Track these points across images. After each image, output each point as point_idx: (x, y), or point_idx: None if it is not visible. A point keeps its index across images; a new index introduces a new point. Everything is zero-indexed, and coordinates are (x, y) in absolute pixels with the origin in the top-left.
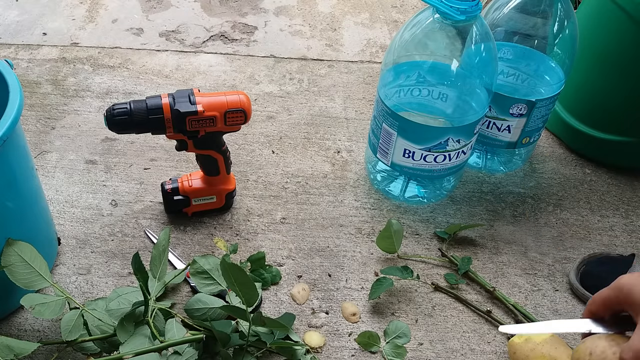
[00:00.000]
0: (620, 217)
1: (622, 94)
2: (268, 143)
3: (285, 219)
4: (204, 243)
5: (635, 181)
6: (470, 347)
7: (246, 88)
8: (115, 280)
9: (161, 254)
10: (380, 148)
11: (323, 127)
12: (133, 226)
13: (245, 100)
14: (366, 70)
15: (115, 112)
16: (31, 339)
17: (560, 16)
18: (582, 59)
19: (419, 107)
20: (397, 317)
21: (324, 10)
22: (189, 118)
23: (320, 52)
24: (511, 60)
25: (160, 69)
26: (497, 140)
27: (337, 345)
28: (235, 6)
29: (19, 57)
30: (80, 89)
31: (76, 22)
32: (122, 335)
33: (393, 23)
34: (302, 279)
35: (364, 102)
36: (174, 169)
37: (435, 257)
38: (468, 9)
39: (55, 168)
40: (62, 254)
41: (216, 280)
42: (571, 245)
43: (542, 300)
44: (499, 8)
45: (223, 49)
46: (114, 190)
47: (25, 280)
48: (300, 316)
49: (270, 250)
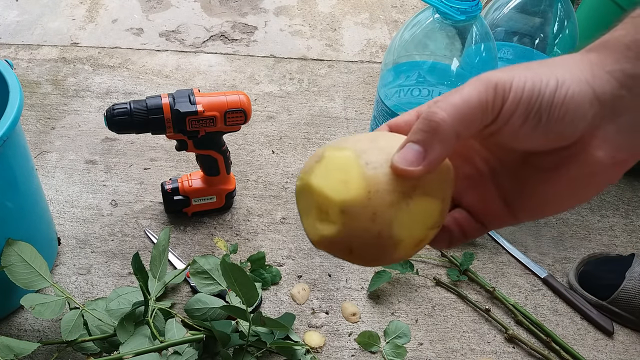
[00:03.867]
0: (620, 217)
1: None
2: (268, 143)
3: (285, 219)
4: (204, 243)
5: (635, 181)
6: (470, 347)
7: (246, 88)
8: (115, 280)
9: (161, 254)
10: None
11: (323, 127)
12: (133, 226)
13: (245, 100)
14: (366, 70)
15: (115, 112)
16: (31, 339)
17: (560, 16)
18: None
19: None
20: (397, 317)
21: (324, 10)
22: (189, 118)
23: (320, 52)
24: (511, 60)
25: (160, 69)
26: None
27: (337, 345)
28: (235, 6)
29: (19, 57)
30: (80, 89)
31: (76, 22)
32: (122, 335)
33: (393, 23)
34: (302, 279)
35: (364, 102)
36: (174, 169)
37: (435, 257)
38: (468, 9)
39: (55, 168)
40: (62, 254)
41: (216, 280)
42: (571, 245)
43: (542, 300)
44: (499, 8)
45: (223, 49)
46: (114, 190)
47: (25, 280)
48: (300, 316)
49: (270, 250)
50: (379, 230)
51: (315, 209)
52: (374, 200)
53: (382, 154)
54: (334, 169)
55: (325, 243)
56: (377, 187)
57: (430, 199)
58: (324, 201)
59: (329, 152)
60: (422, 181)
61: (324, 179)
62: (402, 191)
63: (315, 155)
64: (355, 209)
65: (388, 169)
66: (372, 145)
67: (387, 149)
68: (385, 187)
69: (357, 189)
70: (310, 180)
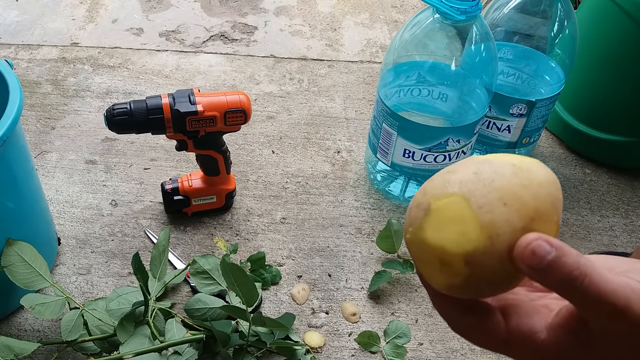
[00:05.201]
0: (620, 217)
1: (622, 94)
2: (268, 143)
3: (285, 219)
4: (204, 243)
5: (635, 181)
6: (470, 347)
7: (246, 88)
8: (115, 280)
9: (161, 254)
10: (381, 148)
11: (323, 127)
12: (133, 226)
13: (245, 100)
14: (366, 70)
15: (115, 112)
16: (31, 339)
17: (560, 16)
18: (582, 59)
19: (419, 107)
20: (397, 317)
21: (324, 10)
22: (189, 118)
23: (320, 52)
24: (511, 60)
25: (160, 69)
26: (497, 140)
27: (337, 345)
28: (235, 6)
29: (19, 57)
30: (80, 89)
31: (76, 22)
32: (122, 335)
33: (393, 23)
34: (302, 279)
35: (364, 102)
36: (174, 169)
37: None
38: (468, 9)
39: (55, 168)
40: (62, 254)
41: (216, 280)
42: (571, 245)
43: None
44: (499, 8)
45: (223, 49)
46: (114, 190)
47: (25, 280)
48: (300, 316)
49: (270, 250)
50: (507, 271)
51: (436, 262)
52: (497, 245)
53: (492, 189)
54: (447, 221)
55: (453, 290)
56: (497, 231)
57: (547, 224)
58: (445, 255)
59: (435, 202)
60: (538, 210)
61: (439, 233)
62: (523, 227)
63: (419, 204)
64: (479, 257)
65: (502, 206)
66: (478, 180)
67: (496, 181)
68: (506, 229)
69: (478, 238)
70: (424, 235)
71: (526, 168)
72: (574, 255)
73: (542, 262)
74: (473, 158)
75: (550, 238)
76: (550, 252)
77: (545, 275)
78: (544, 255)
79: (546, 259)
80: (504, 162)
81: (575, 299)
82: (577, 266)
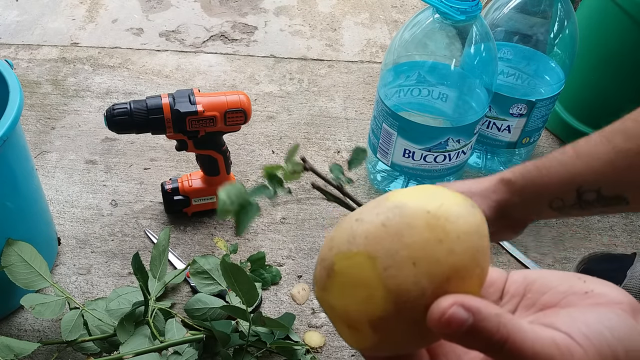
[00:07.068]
0: (620, 217)
1: (623, 94)
2: (268, 143)
3: (285, 219)
4: (204, 243)
5: None
6: None
7: (246, 88)
8: (115, 280)
9: (161, 254)
10: (381, 148)
11: (323, 127)
12: (133, 226)
13: (245, 100)
14: (366, 70)
15: (116, 112)
16: (31, 339)
17: (560, 16)
18: (582, 59)
19: (419, 107)
20: None
21: (324, 10)
22: (189, 118)
23: (320, 52)
24: (511, 60)
25: (160, 69)
26: (497, 140)
27: (337, 345)
28: (235, 6)
29: (19, 57)
30: (80, 89)
31: (76, 22)
32: (122, 335)
33: (393, 23)
34: (302, 279)
35: (364, 102)
36: (174, 169)
37: None
38: (468, 9)
39: (55, 168)
40: (62, 254)
41: (216, 280)
42: (571, 245)
43: None
44: (499, 8)
45: (223, 49)
46: (114, 190)
47: (25, 280)
48: (300, 316)
49: (270, 250)
50: (423, 333)
51: (344, 325)
52: (405, 311)
53: (400, 247)
54: (351, 285)
55: (367, 352)
56: (404, 296)
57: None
58: (351, 321)
59: (339, 262)
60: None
61: (343, 298)
62: (435, 289)
63: (323, 261)
64: (387, 323)
65: (412, 266)
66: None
67: (405, 237)
68: (415, 293)
69: (384, 304)
70: (329, 299)
71: (443, 217)
72: (492, 317)
73: (458, 330)
74: (389, 198)
75: (467, 300)
76: (467, 319)
77: (464, 342)
78: (461, 324)
79: (463, 327)
80: (416, 210)
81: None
82: (497, 330)
